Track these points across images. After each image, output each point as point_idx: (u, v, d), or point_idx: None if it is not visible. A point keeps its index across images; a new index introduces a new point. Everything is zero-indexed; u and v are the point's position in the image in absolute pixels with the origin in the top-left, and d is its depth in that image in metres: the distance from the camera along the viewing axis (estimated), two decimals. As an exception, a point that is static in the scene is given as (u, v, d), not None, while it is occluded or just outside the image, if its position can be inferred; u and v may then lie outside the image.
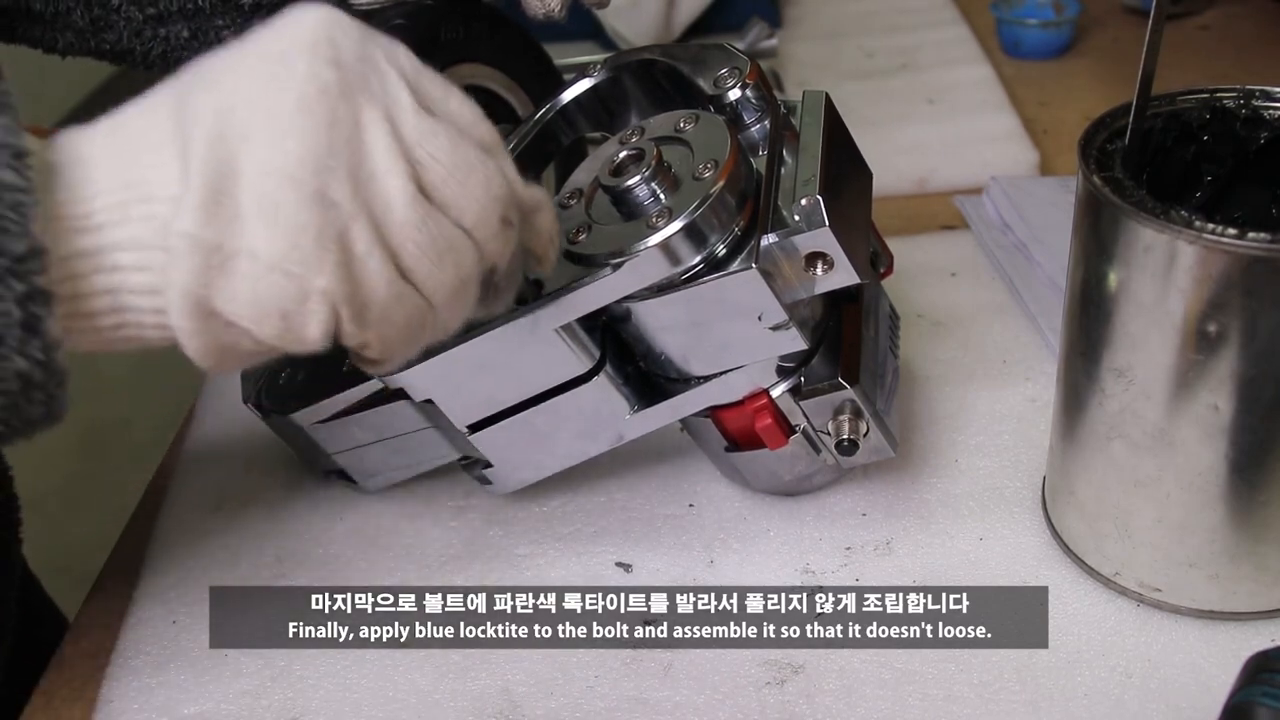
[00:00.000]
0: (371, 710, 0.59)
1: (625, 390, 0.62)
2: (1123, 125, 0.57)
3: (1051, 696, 0.57)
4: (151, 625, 0.65)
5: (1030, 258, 0.86)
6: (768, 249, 0.55)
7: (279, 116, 0.44)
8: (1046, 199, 0.91)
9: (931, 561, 0.64)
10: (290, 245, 0.44)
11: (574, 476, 0.68)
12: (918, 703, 0.57)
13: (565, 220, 0.60)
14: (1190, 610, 0.59)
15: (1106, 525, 0.60)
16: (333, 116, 0.45)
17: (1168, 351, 0.53)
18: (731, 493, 0.70)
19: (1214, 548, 0.57)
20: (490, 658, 0.61)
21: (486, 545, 0.68)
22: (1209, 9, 1.26)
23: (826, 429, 0.62)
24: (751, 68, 0.62)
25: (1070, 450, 0.61)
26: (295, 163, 0.44)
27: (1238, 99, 0.58)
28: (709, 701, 0.58)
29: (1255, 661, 0.50)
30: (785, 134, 0.61)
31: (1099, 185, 0.53)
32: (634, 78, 0.67)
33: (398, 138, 0.46)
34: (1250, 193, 0.60)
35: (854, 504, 0.68)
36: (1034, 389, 0.75)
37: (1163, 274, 0.51)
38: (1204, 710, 0.53)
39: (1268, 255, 0.49)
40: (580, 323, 0.59)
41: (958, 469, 0.70)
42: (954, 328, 0.81)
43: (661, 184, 0.58)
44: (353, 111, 0.45)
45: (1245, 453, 0.54)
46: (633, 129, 0.63)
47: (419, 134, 0.47)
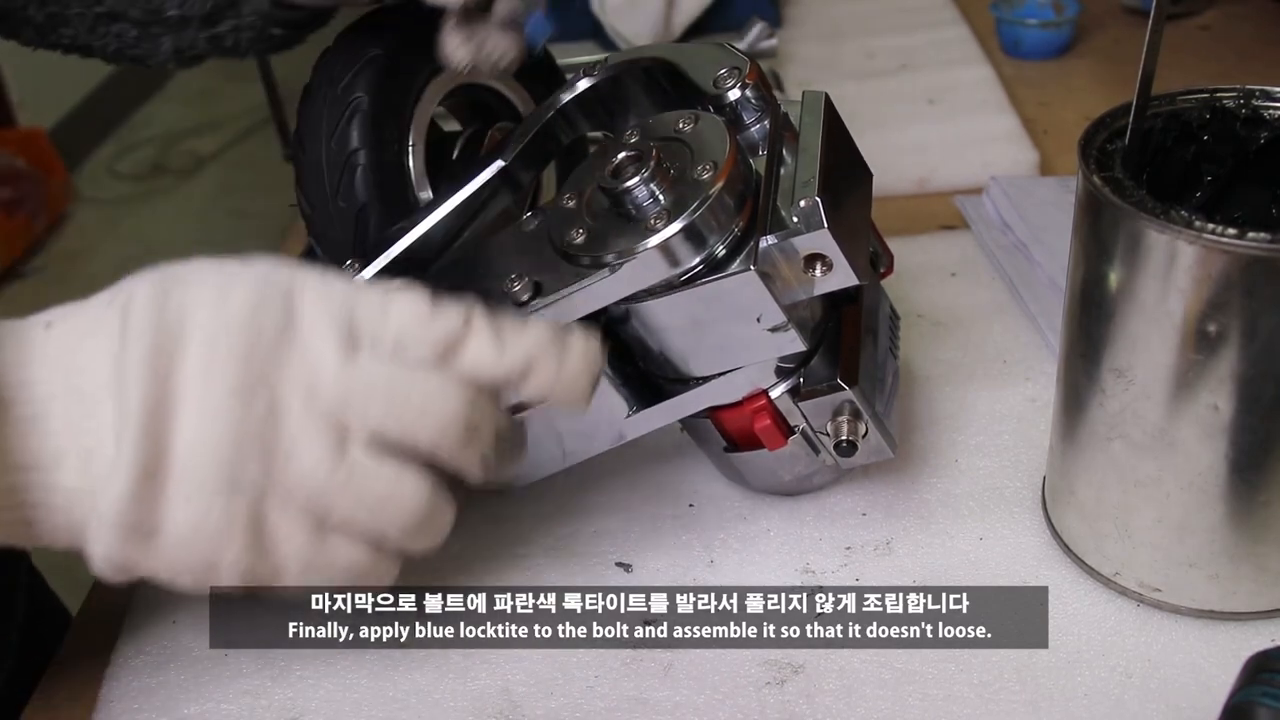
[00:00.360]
0: (371, 710, 0.59)
1: (625, 391, 0.62)
2: (1123, 125, 0.57)
3: (1051, 696, 0.57)
4: (151, 625, 0.65)
5: (1030, 258, 0.86)
6: (766, 250, 0.55)
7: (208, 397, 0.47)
8: (1046, 199, 0.91)
9: (931, 561, 0.64)
10: (201, 524, 0.48)
11: (574, 476, 0.68)
12: (918, 703, 0.57)
13: (565, 221, 0.60)
14: (1190, 610, 0.59)
15: (1106, 525, 0.60)
16: (251, 400, 0.48)
17: (1168, 351, 0.53)
18: (731, 493, 0.70)
19: (1214, 548, 0.57)
20: (490, 658, 0.61)
21: (486, 545, 0.68)
22: (1209, 9, 1.26)
23: (825, 430, 0.61)
24: (751, 68, 0.62)
25: (1070, 450, 0.61)
26: (216, 446, 0.47)
27: (1238, 99, 0.58)
28: (709, 701, 0.58)
29: (1255, 661, 0.50)
30: (785, 134, 0.61)
31: (1099, 185, 0.53)
32: (634, 78, 0.67)
33: (317, 406, 0.48)
34: (1250, 193, 0.60)
35: (854, 504, 0.68)
36: (1034, 389, 0.75)
37: (1163, 274, 0.51)
38: (1204, 710, 0.53)
39: (1268, 255, 0.49)
40: (580, 323, 0.59)
41: (958, 469, 0.70)
42: (954, 328, 0.81)
43: (660, 185, 0.58)
44: (270, 391, 0.48)
45: (1245, 453, 0.54)
46: (632, 129, 0.62)
47: (343, 391, 0.49)
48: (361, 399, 0.49)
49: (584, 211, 0.60)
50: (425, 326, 0.50)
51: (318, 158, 0.67)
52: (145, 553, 0.48)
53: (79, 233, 3.06)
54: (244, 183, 3.16)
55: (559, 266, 0.59)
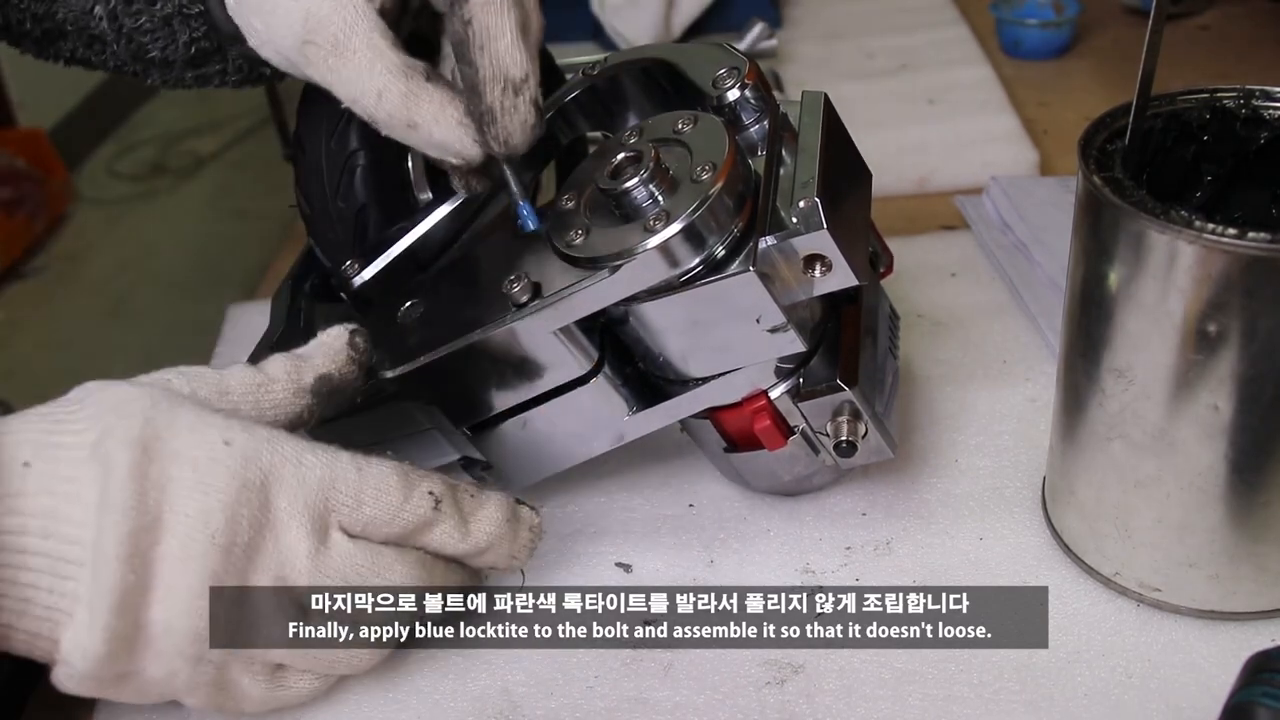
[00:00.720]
0: (371, 710, 0.59)
1: (624, 391, 0.62)
2: (1123, 125, 0.56)
3: (1051, 696, 0.57)
4: (152, 626, 0.65)
5: (1030, 258, 0.86)
6: (765, 251, 0.55)
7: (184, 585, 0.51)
8: (1046, 199, 0.91)
9: (931, 561, 0.64)
10: (169, 680, 0.53)
11: (574, 476, 0.68)
12: (918, 703, 0.57)
13: (564, 221, 0.60)
14: (1190, 610, 0.59)
15: (1106, 525, 0.60)
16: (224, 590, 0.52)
17: (1168, 351, 0.53)
18: (731, 493, 0.70)
19: (1214, 548, 0.57)
20: (490, 658, 0.61)
21: (486, 546, 0.68)
22: (1209, 9, 1.26)
23: (825, 430, 0.61)
24: (750, 68, 0.62)
25: (1070, 450, 0.61)
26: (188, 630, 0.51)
27: (1238, 99, 0.58)
28: (709, 701, 0.58)
29: (1255, 661, 0.50)
30: (784, 135, 0.61)
31: (1099, 185, 0.53)
32: (633, 78, 0.67)
33: (286, 592, 0.53)
34: (1250, 193, 0.60)
35: (854, 504, 0.68)
36: (1034, 389, 0.75)
37: (1163, 274, 0.51)
38: (1204, 710, 0.53)
39: (1268, 255, 0.49)
40: (579, 324, 0.59)
41: (958, 469, 0.70)
42: (954, 328, 0.81)
43: (659, 186, 0.58)
44: (243, 580, 0.52)
45: (1245, 453, 0.54)
46: (631, 130, 0.62)
47: (312, 578, 0.54)
48: (330, 582, 0.54)
49: (583, 212, 0.60)
50: (396, 515, 0.55)
51: (318, 158, 0.67)
52: (113, 691, 0.53)
53: (79, 233, 3.06)
54: (244, 183, 3.15)
55: (558, 267, 0.58)
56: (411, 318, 0.62)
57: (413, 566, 0.56)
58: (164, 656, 0.52)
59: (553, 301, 0.57)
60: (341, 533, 0.55)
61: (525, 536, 0.59)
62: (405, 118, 0.58)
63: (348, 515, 0.54)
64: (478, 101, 0.58)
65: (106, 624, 0.49)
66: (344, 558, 0.54)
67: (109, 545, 0.49)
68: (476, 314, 0.59)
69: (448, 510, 0.56)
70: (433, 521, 0.56)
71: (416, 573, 0.56)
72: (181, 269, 2.82)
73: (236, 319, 0.91)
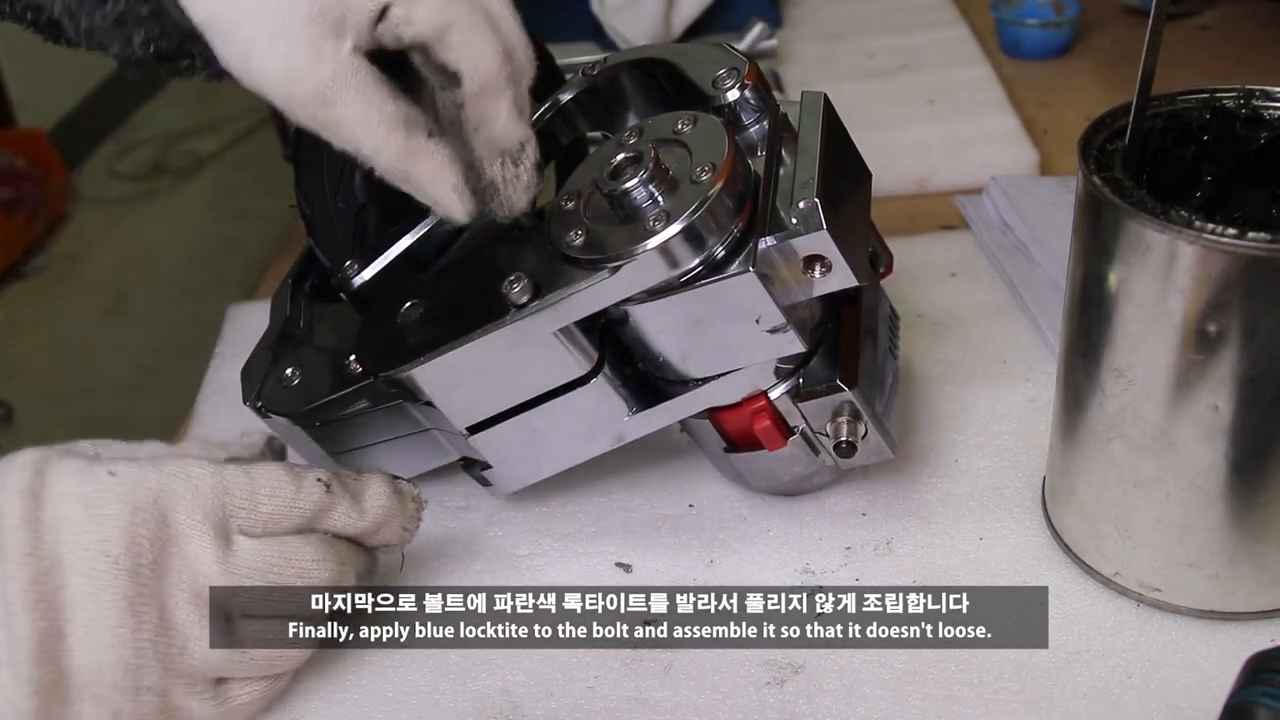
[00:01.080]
0: (371, 710, 0.59)
1: (624, 392, 0.62)
2: (1123, 125, 0.56)
3: (1051, 696, 0.57)
4: (152, 626, 0.65)
5: (1030, 258, 0.86)
6: (765, 252, 0.55)
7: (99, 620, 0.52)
8: (1046, 199, 0.91)
9: (931, 561, 0.64)
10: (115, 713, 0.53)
11: (574, 476, 0.68)
12: (918, 703, 0.57)
13: (564, 222, 0.60)
14: (1190, 610, 0.59)
15: (1106, 525, 0.60)
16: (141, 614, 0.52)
17: (1168, 351, 0.53)
18: (731, 493, 0.70)
19: (1214, 548, 0.57)
20: (490, 658, 0.61)
21: (486, 545, 0.68)
22: (1209, 9, 1.26)
23: (825, 431, 0.61)
24: (750, 68, 0.62)
25: (1070, 450, 0.61)
26: (114, 663, 0.52)
27: (1238, 99, 0.58)
28: (709, 701, 0.58)
29: (1255, 661, 0.50)
30: (784, 135, 0.61)
31: (1099, 185, 0.53)
32: (633, 78, 0.67)
33: (204, 599, 0.54)
34: (1250, 193, 0.60)
35: (854, 504, 0.68)
36: (1034, 389, 0.75)
37: (1163, 274, 0.51)
38: (1204, 710, 0.53)
39: (1268, 255, 0.49)
40: (579, 325, 0.59)
41: (958, 469, 0.70)
42: (954, 328, 0.81)
43: (659, 187, 0.58)
44: (158, 600, 0.53)
45: (1245, 453, 0.54)
46: (631, 130, 0.62)
47: (225, 580, 0.54)
48: (245, 582, 0.55)
49: (583, 213, 0.60)
50: (292, 505, 0.56)
51: (318, 158, 0.67)
52: None
53: (79, 233, 3.06)
54: (244, 183, 3.16)
55: (558, 268, 0.58)
56: (411, 318, 0.62)
57: (319, 547, 0.57)
58: (103, 699, 0.52)
59: (552, 302, 0.57)
60: (244, 535, 0.55)
61: (411, 508, 0.61)
62: (401, 173, 0.56)
63: (246, 517, 0.55)
64: (478, 177, 0.57)
65: (30, 676, 0.50)
66: (252, 555, 0.55)
67: (13, 596, 0.50)
68: (476, 314, 0.59)
69: (339, 492, 0.58)
70: (328, 506, 0.57)
71: (324, 551, 0.57)
72: (181, 269, 2.82)
73: (236, 319, 0.91)
